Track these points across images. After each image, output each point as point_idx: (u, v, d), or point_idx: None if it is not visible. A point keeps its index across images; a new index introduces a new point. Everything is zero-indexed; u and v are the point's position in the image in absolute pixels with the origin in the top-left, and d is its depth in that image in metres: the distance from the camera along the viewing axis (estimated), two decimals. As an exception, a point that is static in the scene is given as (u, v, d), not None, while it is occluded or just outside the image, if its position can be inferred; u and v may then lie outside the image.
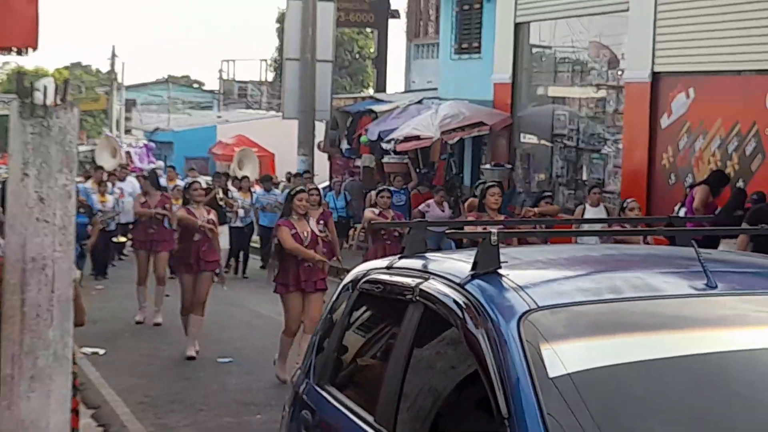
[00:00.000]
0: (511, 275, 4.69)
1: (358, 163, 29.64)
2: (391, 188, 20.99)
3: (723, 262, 5.13)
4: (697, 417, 4.15)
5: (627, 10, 21.19)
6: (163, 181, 26.29)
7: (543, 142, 25.04)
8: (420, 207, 23.23)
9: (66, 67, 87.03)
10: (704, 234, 8.51)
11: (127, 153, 37.63)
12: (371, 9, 38.00)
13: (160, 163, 35.94)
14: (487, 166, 25.65)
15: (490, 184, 14.77)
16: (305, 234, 12.89)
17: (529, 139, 25.67)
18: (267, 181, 27.12)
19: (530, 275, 4.77)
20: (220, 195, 21.49)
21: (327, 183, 30.43)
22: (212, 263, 15.30)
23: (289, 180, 27.52)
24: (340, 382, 5.66)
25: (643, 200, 19.83)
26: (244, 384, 13.16)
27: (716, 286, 4.58)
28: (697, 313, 4.54)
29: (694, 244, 4.89)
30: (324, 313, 6.15)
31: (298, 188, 14.04)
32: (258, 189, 26.78)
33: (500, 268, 4.71)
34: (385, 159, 27.30)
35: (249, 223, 25.06)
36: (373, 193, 20.08)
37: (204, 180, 25.37)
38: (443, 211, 23.10)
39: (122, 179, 25.97)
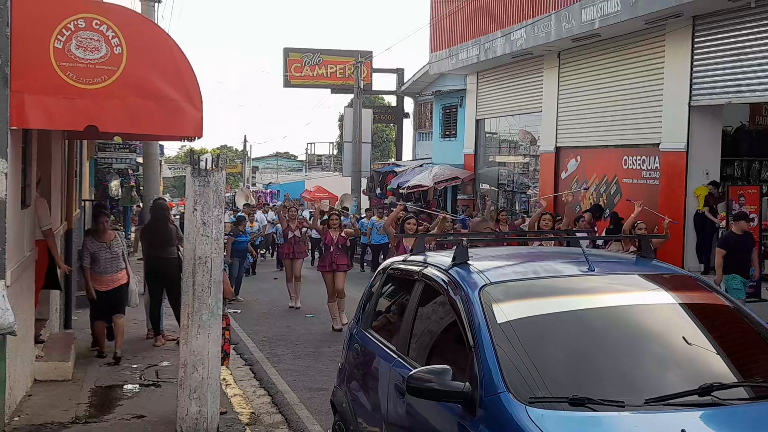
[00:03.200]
0: (475, 264, 4.66)
1: (386, 201, 29.56)
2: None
3: (598, 256, 5.11)
4: (581, 344, 4.14)
5: (541, 111, 21.18)
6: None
7: (492, 188, 25.00)
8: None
9: (217, 147, 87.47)
10: (589, 239, 8.45)
11: (259, 195, 37.30)
12: (393, 112, 38.11)
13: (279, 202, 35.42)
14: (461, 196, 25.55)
15: (408, 216, 13.30)
16: None
17: (484, 186, 25.62)
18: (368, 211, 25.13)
19: (486, 265, 4.75)
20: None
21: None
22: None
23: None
24: (376, 327, 5.66)
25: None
26: (320, 330, 13.14)
27: (594, 270, 4.57)
28: (582, 285, 4.51)
29: (582, 245, 4.88)
30: (366, 287, 6.14)
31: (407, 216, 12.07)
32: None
33: (468, 260, 4.72)
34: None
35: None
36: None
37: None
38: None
39: (254, 213, 25.07)
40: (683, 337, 4.23)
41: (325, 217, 14.54)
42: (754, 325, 4.49)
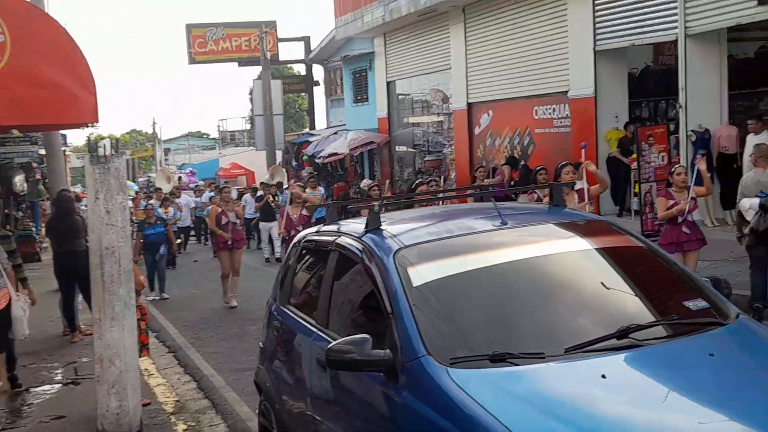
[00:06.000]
0: (388, 229, 4.58)
1: (304, 173, 29.28)
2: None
3: (511, 209, 5.08)
4: (499, 299, 4.12)
5: (450, 68, 21.20)
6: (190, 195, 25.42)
7: (408, 150, 25.02)
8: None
9: (128, 132, 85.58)
10: (502, 193, 8.47)
11: (179, 177, 36.16)
12: (303, 81, 37.70)
13: (201, 182, 34.29)
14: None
15: (419, 181, 13.77)
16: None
17: (400, 149, 25.63)
18: (280, 187, 22.64)
19: (399, 228, 4.66)
20: (271, 199, 19.84)
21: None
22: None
23: (261, 186, 26.33)
24: (294, 302, 5.56)
25: (467, 176, 19.95)
26: (244, 309, 12.92)
27: (507, 223, 4.54)
28: (496, 240, 4.48)
29: (493, 200, 4.85)
30: (283, 261, 6.02)
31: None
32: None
33: (381, 225, 4.64)
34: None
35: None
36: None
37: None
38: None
39: (178, 196, 23.36)
40: (600, 283, 4.25)
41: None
42: (667, 264, 4.55)
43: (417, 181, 12.95)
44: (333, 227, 5.23)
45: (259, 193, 21.08)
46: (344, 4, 25.51)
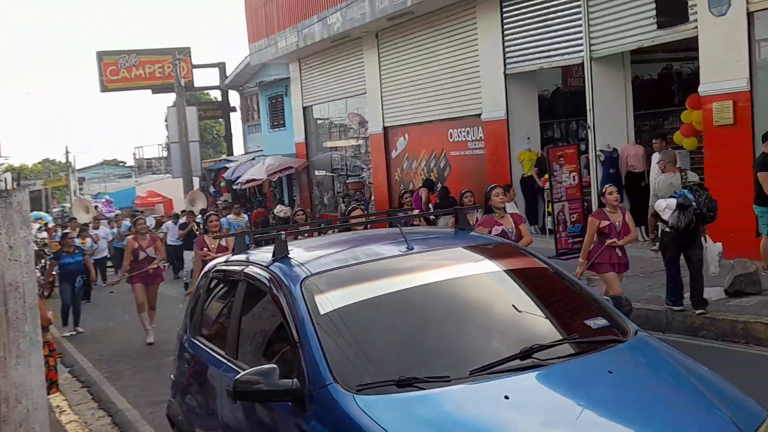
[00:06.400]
0: (296, 257, 4.59)
1: (221, 200, 28.98)
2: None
3: (417, 233, 5.15)
4: (406, 324, 4.16)
5: (365, 93, 21.37)
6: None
7: (327, 174, 25.07)
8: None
9: (40, 162, 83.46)
10: (411, 218, 8.51)
11: (96, 206, 35.16)
12: (219, 107, 37.45)
13: (119, 211, 33.54)
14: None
15: (353, 207, 13.53)
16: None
17: (319, 173, 25.67)
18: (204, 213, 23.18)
19: (307, 256, 4.68)
20: (196, 227, 19.22)
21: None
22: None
23: (183, 213, 25.94)
24: (204, 333, 5.51)
25: (386, 199, 20.10)
26: (161, 340, 12.60)
27: (413, 249, 4.60)
28: (403, 265, 4.52)
29: (399, 226, 4.91)
30: (194, 291, 5.96)
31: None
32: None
33: (288, 254, 4.64)
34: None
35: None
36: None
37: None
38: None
39: (96, 228, 22.37)
40: (505, 304, 4.35)
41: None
42: (570, 284, 4.68)
43: (352, 206, 12.76)
44: (242, 256, 5.21)
45: (182, 220, 20.78)
46: (258, 30, 25.50)
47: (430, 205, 16.38)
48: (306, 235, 6.40)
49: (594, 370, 3.75)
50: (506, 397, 3.48)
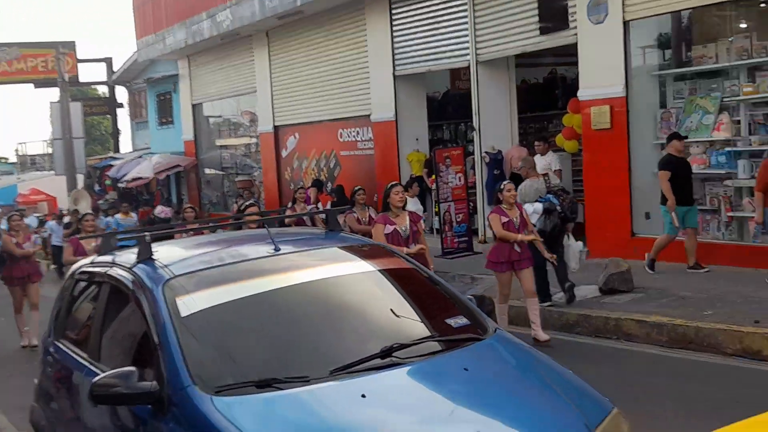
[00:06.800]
0: (159, 259, 4.53)
1: (102, 199, 28.23)
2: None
3: (285, 234, 5.17)
4: (269, 326, 4.17)
5: (256, 91, 21.24)
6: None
7: (216, 172, 24.80)
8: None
9: None
10: (280, 218, 8.38)
11: None
12: (106, 103, 36.49)
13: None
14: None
15: (248, 203, 13.21)
16: None
17: (209, 172, 25.37)
18: (96, 211, 22.05)
19: (171, 258, 4.61)
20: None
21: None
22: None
23: (67, 212, 25.16)
24: (68, 336, 5.37)
25: (276, 199, 20.03)
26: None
27: (280, 249, 4.60)
28: (269, 266, 4.51)
29: (266, 226, 4.92)
30: (58, 294, 5.82)
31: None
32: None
33: (152, 255, 4.59)
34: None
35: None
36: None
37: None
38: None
39: None
40: (369, 305, 4.41)
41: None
42: (434, 284, 4.78)
43: (247, 203, 12.33)
44: (107, 258, 5.11)
45: (66, 219, 20.12)
46: (145, 25, 25.00)
47: (319, 205, 16.40)
48: (192, 233, 6.28)
49: (450, 368, 3.85)
50: (363, 396, 3.54)
